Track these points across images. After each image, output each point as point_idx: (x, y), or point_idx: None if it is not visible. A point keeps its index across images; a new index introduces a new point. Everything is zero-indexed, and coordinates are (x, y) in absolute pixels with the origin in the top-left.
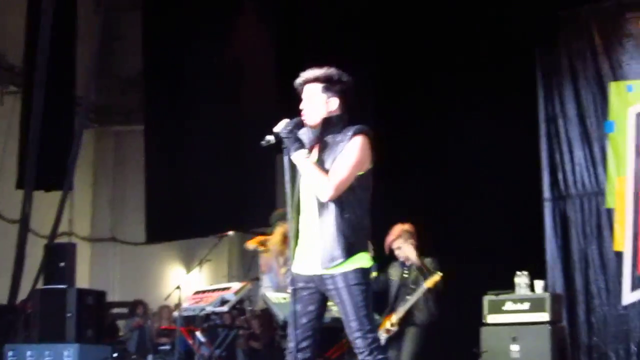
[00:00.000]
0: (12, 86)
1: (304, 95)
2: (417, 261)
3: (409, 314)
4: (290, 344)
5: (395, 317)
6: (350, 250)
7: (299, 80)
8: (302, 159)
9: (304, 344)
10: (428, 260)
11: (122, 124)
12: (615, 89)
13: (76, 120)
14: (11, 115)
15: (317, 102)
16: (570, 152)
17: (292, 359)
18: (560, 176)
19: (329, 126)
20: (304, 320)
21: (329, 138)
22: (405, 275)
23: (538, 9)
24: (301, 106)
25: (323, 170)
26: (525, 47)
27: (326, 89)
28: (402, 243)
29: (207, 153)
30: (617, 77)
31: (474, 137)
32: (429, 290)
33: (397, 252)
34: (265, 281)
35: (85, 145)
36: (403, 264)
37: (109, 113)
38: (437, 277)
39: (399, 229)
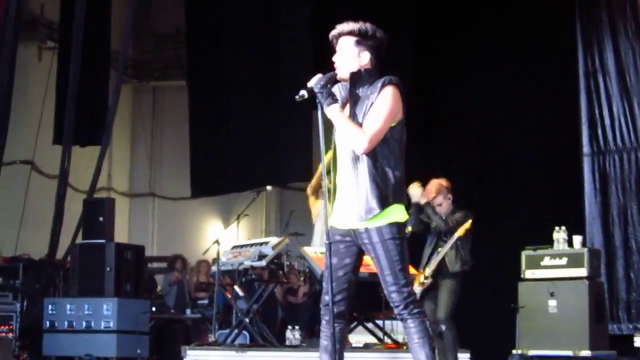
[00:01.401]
0: (50, 42)
1: (337, 48)
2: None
3: (441, 265)
4: (326, 297)
5: (428, 270)
6: (385, 201)
7: (333, 33)
8: (336, 113)
9: (339, 297)
10: (458, 214)
11: (160, 80)
12: None
13: (114, 75)
14: (49, 71)
15: (348, 55)
16: (610, 107)
17: (327, 312)
18: (599, 131)
19: (359, 80)
20: (339, 273)
21: (360, 92)
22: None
23: None
24: (333, 58)
25: (356, 123)
26: (565, 2)
27: (359, 43)
28: (442, 200)
29: (247, 108)
30: None
31: (513, 92)
32: (460, 238)
33: (438, 209)
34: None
35: (122, 100)
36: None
37: (146, 68)
38: (467, 224)
39: (436, 184)
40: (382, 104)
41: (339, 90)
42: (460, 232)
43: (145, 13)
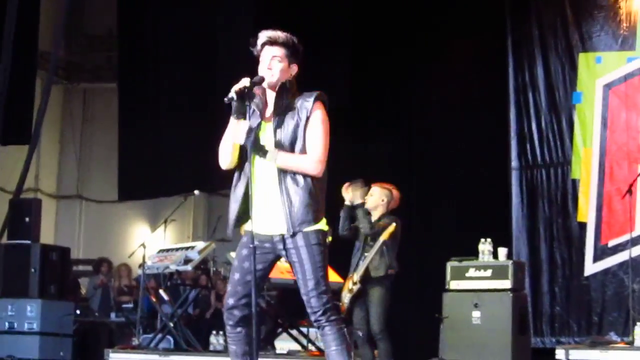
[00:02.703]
0: None
1: (266, 55)
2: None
3: (368, 270)
4: (230, 300)
5: (356, 276)
6: (318, 214)
7: (262, 39)
8: (273, 159)
9: (244, 300)
10: (385, 219)
11: (91, 82)
12: (584, 61)
13: (44, 76)
14: None
15: (281, 65)
16: (539, 121)
17: (230, 316)
18: (528, 145)
19: (284, 91)
20: (248, 277)
21: (284, 102)
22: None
23: None
24: (267, 65)
25: (286, 132)
26: (496, 16)
27: (290, 55)
28: (376, 192)
29: (177, 112)
30: (586, 49)
31: (444, 104)
32: (385, 243)
33: (367, 197)
34: None
35: (52, 101)
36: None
37: (77, 70)
38: (391, 227)
39: (387, 184)
40: (320, 124)
41: (257, 95)
42: (384, 235)
43: (77, 14)
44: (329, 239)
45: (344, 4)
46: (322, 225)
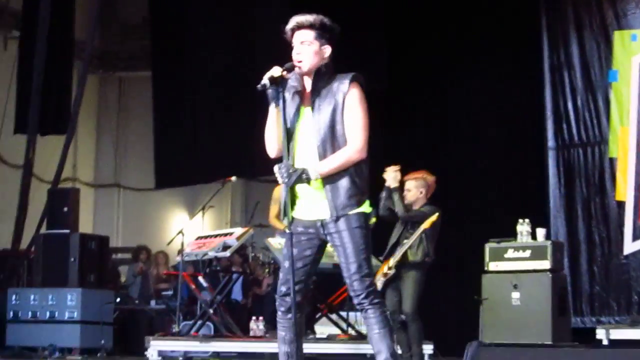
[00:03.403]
0: (16, 31)
1: (295, 41)
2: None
3: (405, 256)
4: (282, 288)
5: (392, 260)
6: (361, 197)
7: (290, 25)
8: (317, 174)
9: (296, 287)
10: (425, 207)
11: (126, 70)
12: (619, 38)
13: (79, 65)
14: (15, 61)
15: (311, 49)
16: (574, 101)
17: (282, 302)
18: (564, 125)
19: (320, 74)
20: (299, 264)
21: (321, 85)
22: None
23: None
24: (295, 52)
25: (324, 115)
26: None
27: (320, 36)
28: (412, 187)
29: (213, 99)
30: (621, 26)
31: (480, 86)
32: (426, 231)
33: (405, 193)
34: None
35: (88, 91)
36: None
37: (112, 59)
38: (434, 217)
39: (419, 173)
40: (358, 107)
41: (295, 79)
42: (426, 224)
43: (111, 3)
44: (373, 220)
45: None
46: (365, 207)
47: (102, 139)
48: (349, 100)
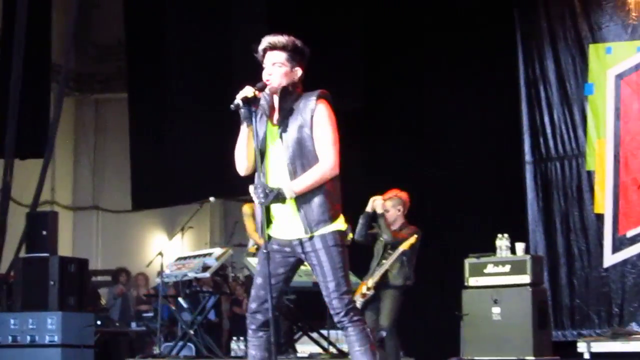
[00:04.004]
0: None
1: (267, 61)
2: (391, 236)
3: (384, 277)
4: (252, 304)
5: (371, 281)
6: (334, 213)
7: (263, 45)
8: (292, 193)
9: (266, 305)
10: (406, 230)
11: (102, 92)
12: (594, 51)
13: (55, 88)
14: None
15: (282, 70)
16: (551, 114)
17: (253, 320)
18: (541, 139)
19: (287, 93)
20: (272, 281)
21: (288, 104)
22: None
23: None
24: (267, 72)
25: (292, 134)
26: (504, 10)
27: (291, 58)
28: (390, 207)
29: (189, 119)
30: (596, 40)
31: (456, 101)
32: (404, 252)
33: (385, 215)
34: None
35: (65, 113)
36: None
37: (88, 81)
38: (412, 239)
39: (393, 192)
40: (327, 124)
41: (264, 98)
42: (405, 245)
43: (86, 25)
44: (349, 236)
45: (355, 8)
46: (340, 224)
47: (80, 161)
48: (317, 117)
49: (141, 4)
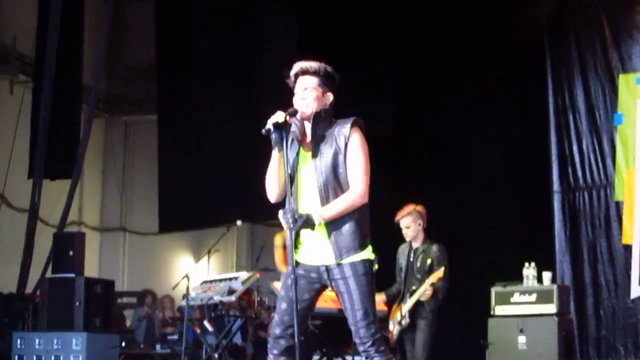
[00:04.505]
0: (22, 75)
1: (299, 86)
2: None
3: (417, 304)
4: (276, 330)
5: (405, 309)
6: (364, 241)
7: (295, 70)
8: (321, 219)
9: (290, 330)
10: (435, 248)
11: (132, 114)
12: (624, 81)
13: (85, 109)
14: (21, 104)
15: (314, 95)
16: (579, 144)
17: (275, 345)
18: (569, 168)
19: (320, 119)
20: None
21: (321, 130)
22: (411, 259)
23: (547, 0)
24: (300, 96)
25: (325, 160)
26: (535, 38)
27: (323, 84)
28: (410, 222)
29: (219, 143)
30: (626, 69)
31: (484, 129)
32: (434, 284)
33: (404, 231)
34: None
35: (94, 134)
36: (410, 245)
37: (118, 102)
38: (440, 273)
39: (410, 207)
40: (359, 152)
41: (294, 124)
42: (433, 278)
43: (117, 47)
44: (376, 266)
45: (384, 32)
46: (369, 253)
47: (108, 182)
48: (350, 145)
49: (173, 26)
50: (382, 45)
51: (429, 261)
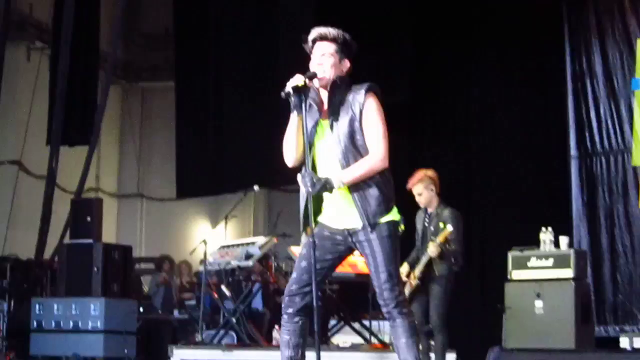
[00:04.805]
0: (39, 42)
1: (317, 51)
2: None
3: (429, 266)
4: (292, 286)
5: (417, 271)
6: (388, 204)
7: (312, 36)
8: (341, 183)
9: (307, 288)
10: (447, 211)
11: (149, 81)
12: None
13: (102, 76)
14: (38, 72)
15: (331, 61)
16: (597, 109)
17: (291, 303)
18: (587, 133)
19: (336, 87)
20: (317, 266)
21: (337, 97)
22: (426, 224)
23: None
24: (317, 61)
25: (342, 124)
26: (552, 3)
27: (340, 50)
28: (422, 189)
29: (235, 109)
30: None
31: (501, 96)
32: (442, 244)
33: (417, 198)
34: None
35: (111, 101)
36: (425, 211)
37: (135, 69)
38: (446, 231)
39: (421, 173)
40: (376, 117)
41: (312, 91)
42: (440, 238)
43: (134, 14)
44: (401, 227)
45: (403, 1)
46: (394, 215)
47: (125, 149)
48: (366, 111)
49: None
50: (400, 12)
51: (441, 225)
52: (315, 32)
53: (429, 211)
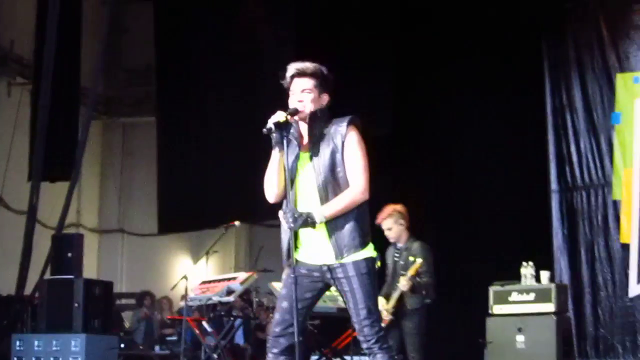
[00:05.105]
0: (20, 77)
1: (296, 87)
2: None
3: (400, 300)
4: (276, 328)
5: (389, 305)
6: (365, 239)
7: (290, 72)
8: (323, 217)
9: (291, 329)
10: (416, 245)
11: (130, 116)
12: (621, 81)
13: (83, 111)
14: (19, 107)
15: (311, 96)
16: (577, 143)
17: (275, 344)
18: (567, 168)
19: (316, 119)
20: (298, 305)
21: (318, 129)
22: (396, 259)
23: (545, 1)
24: (297, 97)
25: (323, 158)
26: (532, 38)
27: (320, 85)
28: (392, 224)
29: (216, 145)
30: (623, 69)
31: (481, 129)
32: (413, 277)
33: (387, 233)
34: None
35: (92, 136)
36: (395, 246)
37: (116, 105)
38: (417, 264)
39: (390, 208)
40: (357, 149)
41: (292, 126)
42: (411, 271)
43: (115, 49)
44: (378, 264)
45: (384, 34)
46: (370, 251)
47: (106, 184)
48: (348, 143)
49: (171, 28)
50: (381, 45)
51: (411, 258)
52: (293, 67)
53: (398, 246)
